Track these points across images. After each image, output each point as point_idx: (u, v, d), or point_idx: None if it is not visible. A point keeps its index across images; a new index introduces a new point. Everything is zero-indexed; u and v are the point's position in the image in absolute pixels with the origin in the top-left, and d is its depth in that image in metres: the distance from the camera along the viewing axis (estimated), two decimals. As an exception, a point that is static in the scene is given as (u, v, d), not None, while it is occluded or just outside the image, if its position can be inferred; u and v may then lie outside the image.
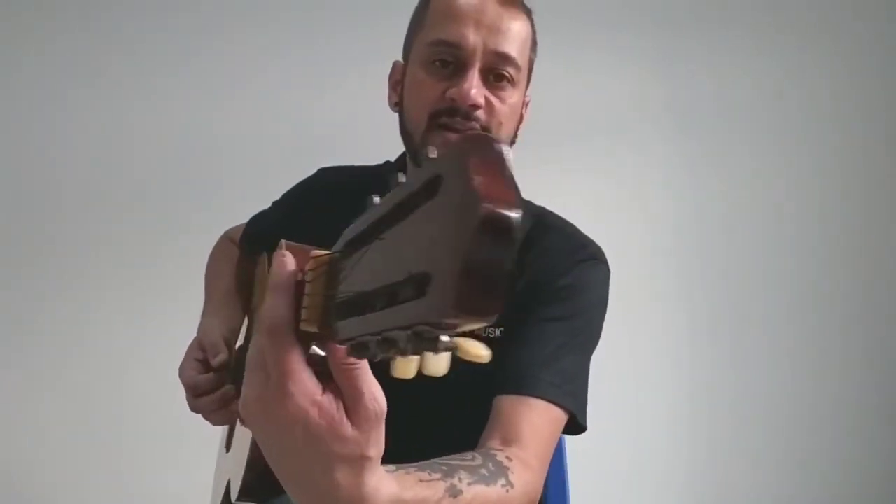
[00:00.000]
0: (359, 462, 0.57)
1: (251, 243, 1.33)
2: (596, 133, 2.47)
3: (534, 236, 1.14)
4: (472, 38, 1.02)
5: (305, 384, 0.56)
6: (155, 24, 2.30)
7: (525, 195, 1.29)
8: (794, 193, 2.49)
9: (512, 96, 1.06)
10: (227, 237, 1.41)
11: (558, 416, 0.98)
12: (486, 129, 1.04)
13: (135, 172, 2.23)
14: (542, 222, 1.18)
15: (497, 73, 1.04)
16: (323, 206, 1.17)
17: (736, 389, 2.32)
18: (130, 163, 2.24)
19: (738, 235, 2.43)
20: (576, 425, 1.02)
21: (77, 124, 2.22)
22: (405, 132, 1.10)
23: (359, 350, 0.46)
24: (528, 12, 1.09)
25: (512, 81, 1.05)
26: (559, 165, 2.42)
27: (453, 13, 1.04)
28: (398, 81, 1.13)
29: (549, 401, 0.97)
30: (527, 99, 1.14)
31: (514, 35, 1.05)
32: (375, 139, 1.23)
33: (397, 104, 1.12)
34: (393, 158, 1.28)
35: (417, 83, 1.06)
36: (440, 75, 1.04)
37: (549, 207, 1.25)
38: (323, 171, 1.29)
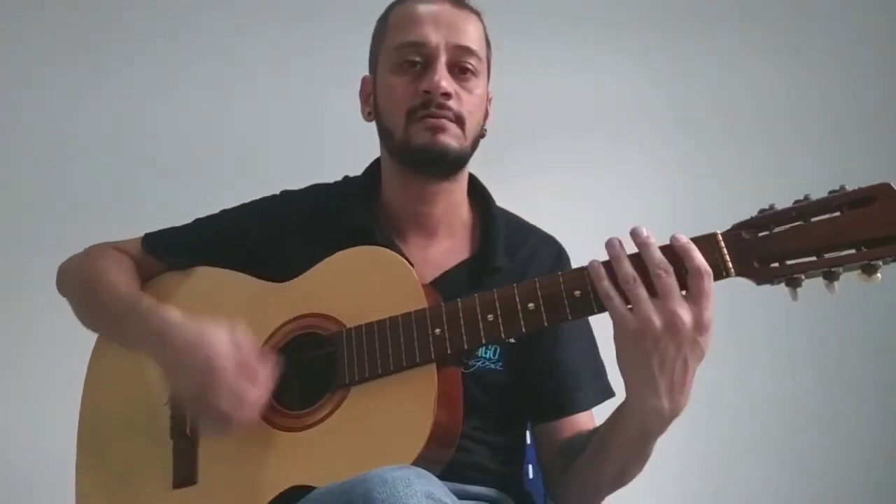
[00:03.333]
0: None
1: (186, 249, 1.25)
2: (596, 132, 2.47)
3: (515, 241, 1.22)
4: (434, 35, 1.12)
5: None
6: (154, 23, 2.30)
7: (525, 195, 1.32)
8: (794, 193, 2.49)
9: (477, 87, 1.15)
10: (110, 248, 1.28)
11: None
12: (458, 116, 1.11)
13: (133, 172, 2.23)
14: (513, 223, 1.27)
15: (461, 65, 1.13)
16: (292, 228, 1.22)
17: (736, 388, 2.32)
18: (129, 163, 2.24)
19: (737, 235, 2.43)
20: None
21: (78, 124, 2.22)
22: (386, 132, 1.17)
23: None
24: (478, 14, 1.19)
25: (476, 73, 1.14)
26: (559, 164, 2.42)
27: (413, 18, 1.14)
28: (369, 94, 1.21)
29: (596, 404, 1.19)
30: (490, 95, 1.21)
31: (471, 31, 1.15)
32: (373, 141, 1.24)
33: (371, 114, 1.20)
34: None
35: (391, 87, 1.14)
36: (410, 75, 1.13)
37: (550, 206, 1.29)
38: (287, 194, 1.30)
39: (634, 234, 0.90)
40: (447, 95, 1.10)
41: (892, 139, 2.54)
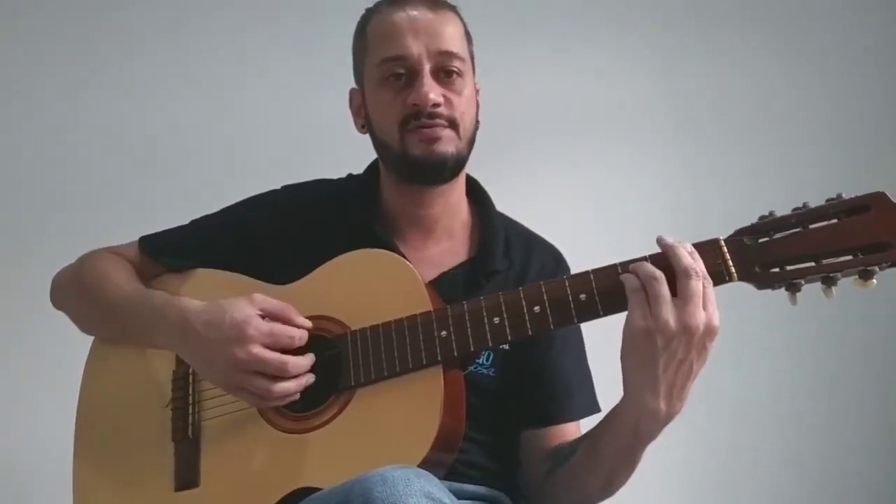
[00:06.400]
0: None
1: (187, 250, 1.25)
2: (596, 132, 2.47)
3: (514, 245, 1.22)
4: (414, 46, 1.12)
5: None
6: (154, 23, 2.30)
7: (525, 195, 1.31)
8: (793, 193, 2.48)
9: (465, 86, 1.15)
10: (104, 251, 1.27)
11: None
12: (451, 121, 1.12)
13: (133, 172, 2.23)
14: (513, 228, 1.27)
15: (446, 70, 1.13)
16: (293, 223, 1.21)
17: (735, 389, 2.31)
18: (129, 163, 2.24)
19: (738, 235, 2.43)
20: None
21: (78, 124, 2.22)
22: (382, 146, 1.17)
23: None
24: (454, 9, 1.19)
25: (461, 73, 1.15)
26: (559, 165, 2.42)
27: (391, 30, 1.13)
28: (360, 106, 1.21)
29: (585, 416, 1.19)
30: (477, 86, 1.21)
31: (450, 32, 1.15)
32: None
33: (364, 126, 1.21)
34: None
35: (380, 103, 1.15)
36: (397, 88, 1.13)
37: (550, 206, 1.29)
38: (288, 189, 1.29)
39: (661, 241, 0.95)
40: (436, 105, 1.11)
41: (893, 139, 2.53)
